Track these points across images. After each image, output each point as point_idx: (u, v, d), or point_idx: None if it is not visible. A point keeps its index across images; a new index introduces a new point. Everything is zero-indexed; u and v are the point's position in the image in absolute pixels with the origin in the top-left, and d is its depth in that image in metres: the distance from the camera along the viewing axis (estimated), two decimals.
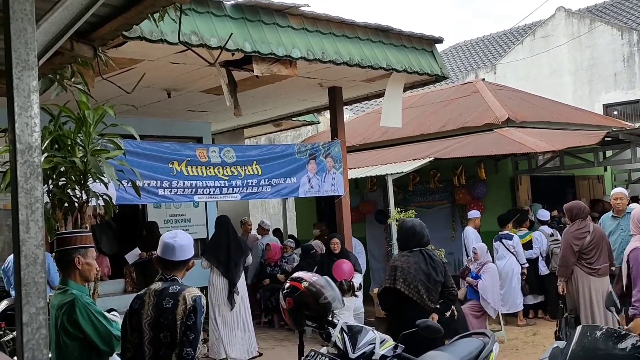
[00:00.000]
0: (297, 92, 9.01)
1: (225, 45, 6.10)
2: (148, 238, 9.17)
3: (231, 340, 7.62)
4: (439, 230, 10.98)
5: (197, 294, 3.27)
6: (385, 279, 5.16)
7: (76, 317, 3.26)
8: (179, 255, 3.34)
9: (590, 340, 3.18)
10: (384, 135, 12.50)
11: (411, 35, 8.10)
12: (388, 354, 3.33)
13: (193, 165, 7.35)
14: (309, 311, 3.39)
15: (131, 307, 3.33)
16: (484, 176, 10.66)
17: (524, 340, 8.44)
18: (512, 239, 9.52)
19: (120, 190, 6.40)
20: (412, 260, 5.09)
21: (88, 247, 3.48)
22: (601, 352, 3.09)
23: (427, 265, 5.10)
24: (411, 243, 5.27)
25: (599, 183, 12.32)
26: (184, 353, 3.14)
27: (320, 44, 7.08)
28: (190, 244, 3.41)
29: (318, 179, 8.41)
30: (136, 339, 3.24)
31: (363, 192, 12.07)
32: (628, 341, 3.06)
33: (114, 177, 4.85)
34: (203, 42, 6.00)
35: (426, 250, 5.26)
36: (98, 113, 4.85)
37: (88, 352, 3.32)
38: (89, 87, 4.44)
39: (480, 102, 12.15)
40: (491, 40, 23.05)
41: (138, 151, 6.89)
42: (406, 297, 4.94)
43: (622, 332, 3.15)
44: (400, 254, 5.27)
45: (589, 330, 3.29)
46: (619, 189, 8.07)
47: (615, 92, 15.48)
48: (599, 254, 6.89)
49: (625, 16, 18.34)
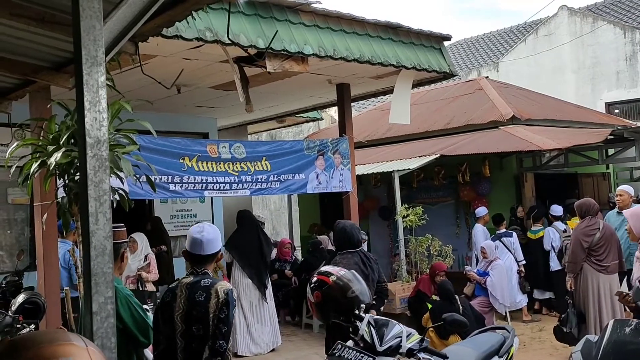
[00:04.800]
0: (306, 89, 9.03)
1: (239, 41, 6.13)
2: (152, 233, 9.18)
3: (252, 333, 7.68)
4: (443, 226, 11.05)
5: (229, 288, 3.31)
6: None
7: (117, 307, 3.29)
8: (207, 249, 3.38)
9: (622, 335, 3.23)
10: (388, 132, 12.54)
11: (420, 33, 8.12)
12: (415, 347, 3.36)
13: (204, 161, 7.37)
14: (337, 305, 3.42)
15: (163, 299, 3.37)
16: (489, 173, 10.72)
17: (530, 336, 8.50)
18: (512, 237, 9.62)
19: (133, 185, 6.42)
20: (352, 261, 5.29)
21: (128, 241, 3.53)
22: (632, 346, 3.14)
23: (365, 265, 5.34)
24: (345, 244, 5.50)
25: (604, 180, 12.38)
26: (217, 345, 3.19)
27: (332, 40, 7.11)
28: (217, 237, 3.45)
29: (326, 175, 8.44)
30: (168, 331, 3.28)
31: (367, 189, 12.11)
32: None
33: (132, 172, 4.88)
34: (218, 38, 6.02)
35: (362, 250, 5.52)
36: (115, 108, 4.89)
37: (125, 343, 3.36)
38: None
39: (484, 100, 12.20)
40: (492, 39, 23.09)
41: (150, 146, 6.90)
42: None
43: None
44: (339, 256, 5.47)
45: (620, 325, 3.33)
46: (623, 186, 8.14)
47: (618, 91, 15.54)
48: (609, 251, 6.95)
49: (626, 15, 18.40)
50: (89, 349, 1.31)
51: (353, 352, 3.34)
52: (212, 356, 3.24)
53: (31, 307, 4.46)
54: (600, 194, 11.83)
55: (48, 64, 4.29)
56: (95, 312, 1.82)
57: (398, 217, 9.44)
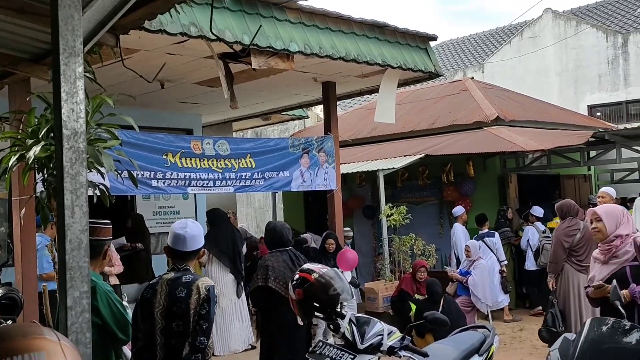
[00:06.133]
0: (291, 86, 9.00)
1: (224, 37, 6.09)
2: (133, 230, 9.10)
3: (230, 331, 7.64)
4: (426, 226, 11.08)
5: (211, 284, 3.28)
6: (258, 278, 5.51)
7: (96, 303, 3.25)
8: (190, 245, 3.35)
9: (599, 333, 3.24)
10: (373, 131, 12.55)
11: (406, 32, 8.13)
12: (395, 345, 3.35)
13: (187, 157, 7.32)
14: (318, 302, 3.41)
15: (143, 296, 3.33)
16: (473, 173, 10.77)
17: (511, 336, 8.54)
18: (494, 237, 9.68)
19: (114, 180, 6.36)
20: (281, 259, 5.46)
21: (111, 239, 3.49)
22: (608, 345, 3.15)
23: (294, 263, 5.46)
24: (275, 243, 5.65)
25: (586, 182, 12.48)
26: (197, 342, 3.16)
27: (317, 38, 7.08)
28: (200, 234, 3.43)
29: (311, 173, 8.42)
30: (148, 328, 3.24)
31: (351, 187, 12.11)
32: (633, 335, 3.12)
33: (113, 167, 4.82)
34: (202, 34, 5.97)
35: (292, 250, 5.67)
36: (96, 102, 4.83)
37: (104, 339, 3.32)
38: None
39: (469, 100, 12.25)
40: (478, 40, 23.19)
41: (132, 141, 6.84)
42: (278, 294, 5.31)
43: (627, 326, 3.21)
44: (269, 254, 5.63)
45: (597, 324, 3.35)
46: (605, 188, 8.19)
47: (600, 94, 15.68)
48: (589, 251, 6.97)
49: (609, 19, 18.56)
50: (61, 344, 1.29)
51: (334, 350, 3.33)
52: (192, 352, 3.21)
53: (8, 303, 4.39)
54: (582, 196, 11.91)
55: (27, 55, 4.22)
56: (70, 306, 1.78)
57: (382, 216, 9.45)
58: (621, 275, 4.18)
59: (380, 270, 9.84)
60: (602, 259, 4.37)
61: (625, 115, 15.42)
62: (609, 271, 4.28)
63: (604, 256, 4.36)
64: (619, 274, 4.20)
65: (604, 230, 4.38)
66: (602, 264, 4.37)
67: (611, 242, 4.32)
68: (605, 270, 4.31)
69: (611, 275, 4.23)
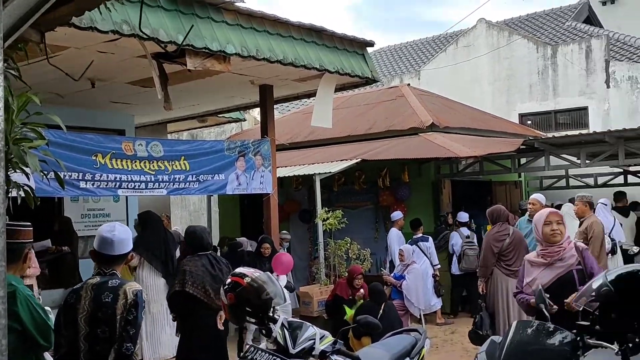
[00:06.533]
0: (228, 89, 8.91)
1: (158, 36, 5.96)
2: (60, 234, 8.79)
3: (160, 337, 7.45)
4: (362, 231, 11.16)
5: (138, 288, 3.19)
6: (175, 283, 5.51)
7: (16, 308, 3.10)
8: (118, 249, 3.25)
9: (524, 335, 3.32)
10: (310, 135, 12.57)
11: (344, 37, 8.17)
12: (327, 349, 3.34)
13: (118, 159, 7.12)
14: (251, 307, 3.36)
15: (66, 301, 3.20)
16: (408, 179, 10.92)
17: (443, 339, 8.69)
18: (428, 241, 9.85)
19: (40, 181, 6.12)
20: (200, 264, 5.46)
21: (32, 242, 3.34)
22: (533, 346, 3.23)
23: (214, 267, 5.49)
24: (196, 246, 5.65)
25: (516, 188, 12.84)
26: (124, 348, 3.06)
27: (255, 41, 7.03)
28: (129, 237, 3.32)
29: (246, 177, 8.35)
30: (71, 334, 3.11)
31: (288, 191, 12.08)
32: (557, 337, 3.21)
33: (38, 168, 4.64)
34: (135, 32, 5.82)
35: (212, 254, 5.69)
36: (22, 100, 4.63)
37: (23, 345, 3.17)
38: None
39: (405, 107, 12.42)
40: (415, 47, 23.59)
41: (60, 141, 6.60)
42: (196, 298, 5.34)
43: (550, 328, 3.30)
44: (188, 259, 5.62)
45: (523, 326, 3.42)
46: (536, 195, 8.46)
47: (530, 103, 16.18)
48: (517, 256, 7.18)
49: (539, 30, 19.21)
50: None
51: (265, 355, 3.29)
52: (117, 359, 3.11)
53: None
54: (512, 201, 12.26)
55: None
56: None
57: (318, 220, 9.45)
58: (569, 279, 4.14)
59: (315, 275, 9.84)
60: (546, 262, 4.28)
61: (554, 124, 15.97)
62: (554, 274, 4.21)
63: (548, 259, 4.27)
64: (565, 278, 4.15)
65: (564, 233, 4.33)
66: (546, 267, 4.27)
67: (560, 245, 4.29)
68: (550, 274, 4.23)
69: (557, 278, 4.18)
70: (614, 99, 14.72)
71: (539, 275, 4.27)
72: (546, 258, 4.30)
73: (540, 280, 4.21)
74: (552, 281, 4.19)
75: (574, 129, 14.61)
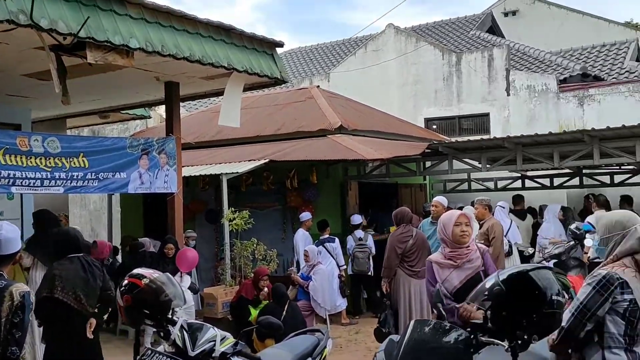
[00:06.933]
0: (131, 84, 8.63)
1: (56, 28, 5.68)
2: None
3: None
4: (270, 231, 11.12)
5: (26, 290, 3.02)
6: (43, 289, 5.18)
7: None
8: (5, 249, 3.08)
9: (421, 334, 3.39)
10: (218, 134, 12.41)
11: (253, 37, 8.10)
12: (228, 351, 3.29)
13: (12, 154, 6.74)
14: (148, 309, 3.25)
15: None
16: (316, 180, 10.98)
17: (347, 339, 8.78)
18: (334, 242, 9.96)
19: None
20: (71, 268, 5.21)
21: None
22: (429, 344, 3.30)
23: (86, 271, 5.25)
24: (68, 250, 5.35)
25: (421, 191, 13.19)
26: (9, 352, 2.90)
27: (160, 36, 6.83)
28: (17, 236, 3.15)
29: (150, 175, 8.12)
30: None
31: (194, 191, 11.86)
32: (452, 335, 3.30)
33: None
34: (32, 23, 5.53)
35: (84, 257, 5.41)
36: None
37: None
38: None
39: (314, 108, 12.49)
40: (325, 50, 23.80)
41: None
42: (65, 304, 5.07)
43: (447, 327, 3.39)
44: (58, 262, 5.32)
45: (420, 325, 3.50)
46: (438, 197, 8.71)
47: (436, 108, 16.68)
48: (420, 257, 7.36)
49: (445, 38, 19.86)
50: None
51: (163, 358, 3.20)
52: None
53: None
54: (418, 204, 12.58)
55: None
56: None
57: (224, 220, 9.33)
58: (478, 280, 4.07)
59: (221, 276, 9.71)
60: (455, 264, 4.29)
61: (458, 129, 16.51)
62: (464, 276, 4.25)
63: (458, 261, 4.29)
64: (474, 279, 4.15)
65: (471, 235, 4.38)
66: (455, 269, 4.29)
67: (467, 247, 4.34)
68: (460, 275, 4.26)
69: (467, 280, 4.20)
70: (514, 106, 15.40)
71: (449, 277, 4.29)
72: (455, 260, 4.31)
73: (452, 282, 4.25)
74: (462, 283, 4.23)
75: (476, 134, 15.15)
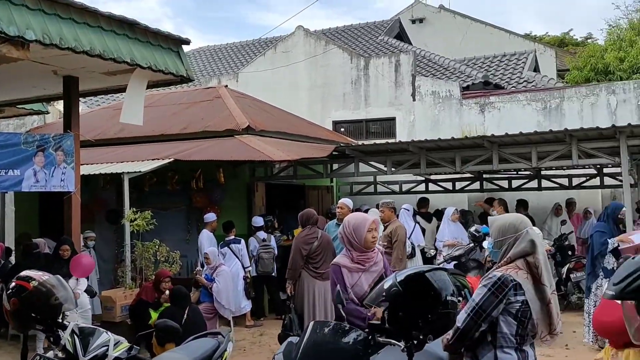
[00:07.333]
0: (27, 78, 8.22)
1: None
2: None
3: None
4: (174, 232, 10.91)
5: None
6: None
7: None
8: None
9: (320, 335, 3.40)
10: (121, 132, 12.02)
11: (158, 33, 7.90)
12: (122, 356, 3.18)
13: None
14: (37, 313, 3.09)
15: None
16: (223, 181, 10.85)
17: (251, 341, 8.74)
18: (240, 244, 9.90)
19: None
20: None
21: None
22: (328, 345, 3.32)
23: None
24: None
25: (328, 193, 13.33)
26: None
27: (59, 28, 6.55)
28: None
29: (45, 173, 7.75)
30: None
31: (94, 190, 11.44)
32: (351, 336, 3.34)
33: None
34: None
35: None
36: None
37: None
38: None
39: (222, 108, 12.36)
40: (235, 49, 23.60)
41: None
42: None
43: (346, 328, 3.42)
44: None
45: (319, 326, 3.51)
46: (344, 199, 8.82)
47: (344, 111, 16.87)
48: (325, 258, 7.42)
49: (354, 42, 20.18)
50: None
51: None
52: None
53: None
54: (325, 206, 12.71)
55: None
56: None
57: (125, 221, 9.06)
58: None
59: (121, 278, 9.41)
60: (364, 267, 4.28)
61: (365, 132, 16.77)
62: (372, 279, 4.25)
63: (366, 265, 4.28)
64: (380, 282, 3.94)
65: (377, 239, 4.42)
66: (364, 273, 4.27)
67: (374, 251, 4.35)
68: (368, 279, 4.25)
69: (375, 283, 4.17)
70: (419, 111, 15.82)
71: (359, 282, 4.27)
72: (364, 264, 4.30)
73: (362, 286, 4.23)
74: (370, 286, 4.21)
75: (383, 138, 15.44)
